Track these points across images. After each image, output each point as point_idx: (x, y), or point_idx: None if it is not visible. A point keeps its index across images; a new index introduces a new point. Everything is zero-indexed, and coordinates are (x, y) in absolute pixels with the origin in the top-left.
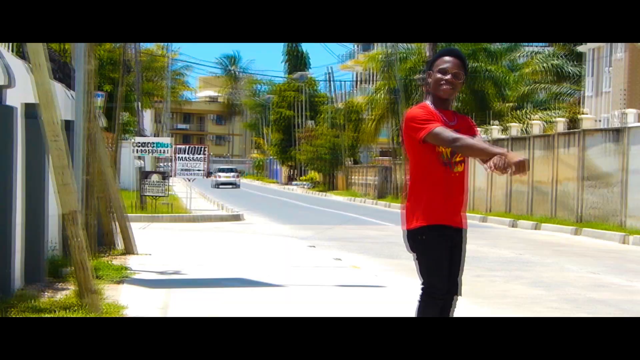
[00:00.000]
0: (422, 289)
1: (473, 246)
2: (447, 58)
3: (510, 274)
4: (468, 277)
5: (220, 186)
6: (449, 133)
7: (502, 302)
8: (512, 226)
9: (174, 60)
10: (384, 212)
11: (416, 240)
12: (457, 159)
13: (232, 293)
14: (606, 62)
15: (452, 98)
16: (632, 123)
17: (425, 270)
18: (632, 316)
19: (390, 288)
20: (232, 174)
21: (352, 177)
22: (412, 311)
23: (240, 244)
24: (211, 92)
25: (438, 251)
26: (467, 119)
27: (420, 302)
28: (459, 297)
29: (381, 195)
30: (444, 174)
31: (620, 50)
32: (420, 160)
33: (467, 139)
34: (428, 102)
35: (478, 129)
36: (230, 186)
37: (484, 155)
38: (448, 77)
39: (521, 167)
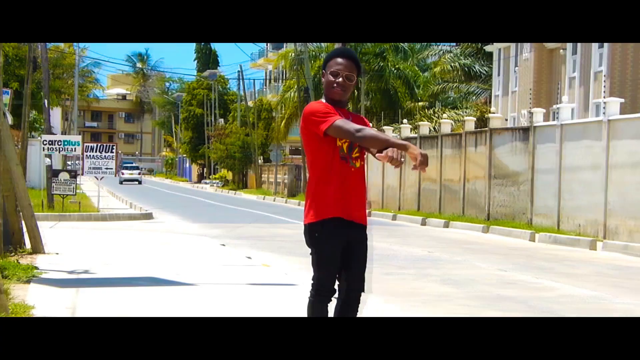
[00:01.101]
0: (311, 284)
1: (384, 244)
2: (339, 60)
3: (421, 272)
4: (379, 275)
5: (125, 182)
6: (351, 124)
7: (412, 299)
8: (423, 224)
9: (82, 57)
10: (295, 210)
11: (311, 235)
12: (355, 154)
13: (142, 292)
14: (514, 62)
15: (344, 99)
16: (539, 122)
17: (315, 265)
18: (540, 316)
19: (300, 286)
20: (135, 171)
21: (264, 175)
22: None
23: (150, 243)
24: (121, 90)
25: (329, 247)
26: (361, 119)
27: (309, 299)
28: (369, 295)
29: (292, 193)
30: (342, 169)
31: (527, 51)
32: (318, 155)
33: (370, 130)
34: (324, 101)
35: (388, 127)
36: (134, 182)
37: (386, 146)
38: (340, 80)
39: (422, 161)
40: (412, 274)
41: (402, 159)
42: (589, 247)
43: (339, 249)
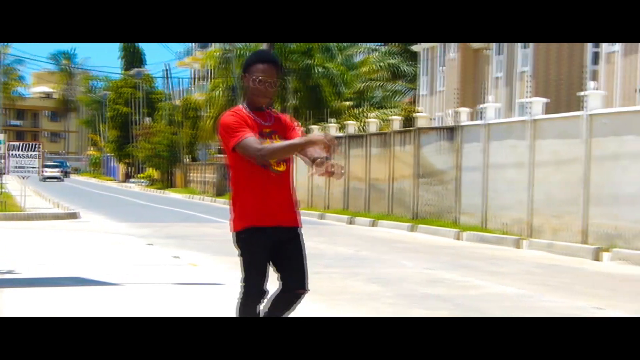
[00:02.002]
0: (241, 287)
1: (311, 243)
2: (261, 66)
3: (348, 271)
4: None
5: (47, 180)
6: (255, 145)
7: (340, 298)
8: (350, 223)
9: (5, 55)
10: (222, 209)
11: (238, 241)
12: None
13: (68, 292)
14: (440, 62)
15: (266, 105)
16: (465, 122)
17: (243, 270)
18: (467, 313)
19: (227, 286)
20: (56, 169)
21: (191, 174)
22: None
23: (76, 243)
24: (45, 88)
25: (253, 253)
26: (285, 119)
27: (239, 301)
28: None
29: (220, 192)
30: (262, 176)
31: (453, 51)
32: (237, 163)
33: (269, 147)
34: (243, 106)
35: (314, 126)
36: (55, 180)
37: (293, 151)
38: (262, 86)
39: (329, 144)
40: (340, 273)
41: (343, 171)
42: (514, 246)
43: (264, 255)
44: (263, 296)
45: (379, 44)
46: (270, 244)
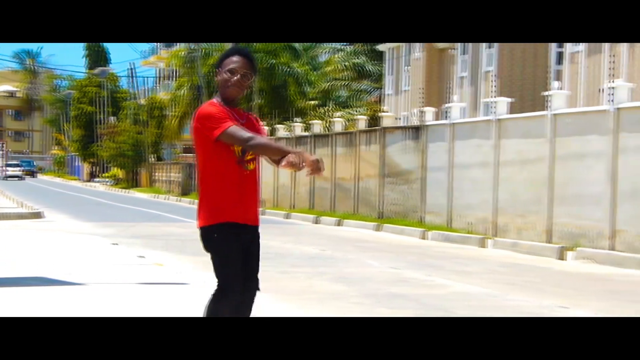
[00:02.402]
0: (217, 286)
1: (277, 242)
2: (235, 58)
3: (314, 270)
4: (272, 274)
5: (8, 179)
6: (243, 132)
7: (305, 297)
8: (316, 222)
9: None
10: (187, 209)
11: (208, 238)
12: (249, 157)
13: (31, 292)
14: (405, 61)
15: (238, 98)
16: (430, 121)
17: (219, 268)
18: (432, 312)
19: (193, 285)
20: (17, 168)
21: (156, 174)
22: None
23: (40, 242)
24: (9, 87)
25: (230, 250)
26: (252, 118)
27: (212, 299)
28: (261, 293)
29: (185, 192)
30: (236, 172)
31: (418, 50)
32: (211, 158)
33: (261, 139)
34: (217, 100)
35: (280, 126)
36: (17, 178)
37: (279, 154)
38: (236, 77)
39: (316, 166)
40: (306, 273)
41: (303, 164)
42: (479, 245)
43: (239, 249)
44: (240, 294)
45: (345, 43)
46: (246, 242)
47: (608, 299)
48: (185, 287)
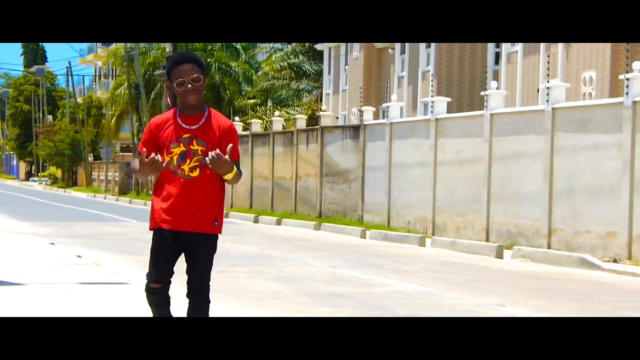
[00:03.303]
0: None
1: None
2: (181, 67)
3: (254, 269)
4: (212, 273)
5: None
6: (133, 163)
7: (245, 297)
8: (255, 222)
9: None
10: (126, 208)
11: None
12: (191, 165)
13: None
14: (344, 61)
15: (198, 102)
16: (369, 121)
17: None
18: (371, 311)
19: (131, 285)
20: None
21: (94, 173)
22: None
23: None
24: None
25: (156, 252)
26: (219, 125)
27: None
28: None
29: (123, 191)
30: (170, 181)
31: (357, 50)
32: None
33: (132, 164)
34: (177, 108)
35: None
36: None
37: (137, 174)
38: (189, 86)
39: (214, 159)
40: (245, 272)
41: (214, 154)
42: (418, 244)
43: (165, 255)
44: (157, 292)
45: (283, 43)
46: (178, 248)
47: (544, 297)
48: (124, 287)
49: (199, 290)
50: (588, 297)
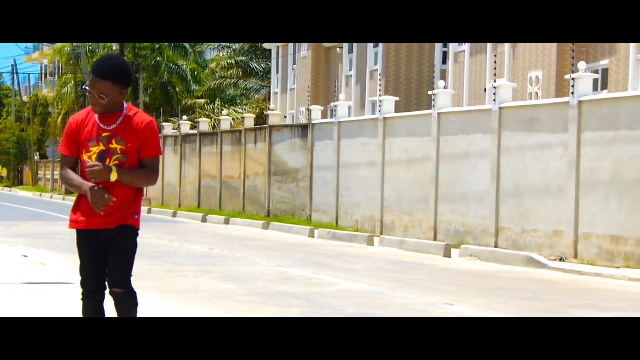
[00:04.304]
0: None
1: (164, 241)
2: (94, 77)
3: (201, 269)
4: (159, 272)
5: None
6: (62, 166)
7: (193, 295)
8: (203, 221)
9: None
10: None
11: None
12: (111, 163)
13: None
14: (292, 60)
15: (105, 110)
16: (317, 120)
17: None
18: (320, 310)
19: (77, 285)
20: None
21: (40, 172)
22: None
23: None
24: None
25: (80, 252)
26: (137, 123)
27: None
28: (146, 292)
29: (70, 190)
30: (89, 181)
31: (304, 49)
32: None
33: (65, 175)
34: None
35: (167, 123)
36: None
37: (74, 190)
38: (90, 96)
39: (94, 170)
40: (193, 271)
41: (96, 168)
42: (366, 243)
43: (89, 254)
44: (93, 294)
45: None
46: (96, 246)
47: (491, 295)
48: (71, 287)
49: (115, 284)
50: (534, 296)
